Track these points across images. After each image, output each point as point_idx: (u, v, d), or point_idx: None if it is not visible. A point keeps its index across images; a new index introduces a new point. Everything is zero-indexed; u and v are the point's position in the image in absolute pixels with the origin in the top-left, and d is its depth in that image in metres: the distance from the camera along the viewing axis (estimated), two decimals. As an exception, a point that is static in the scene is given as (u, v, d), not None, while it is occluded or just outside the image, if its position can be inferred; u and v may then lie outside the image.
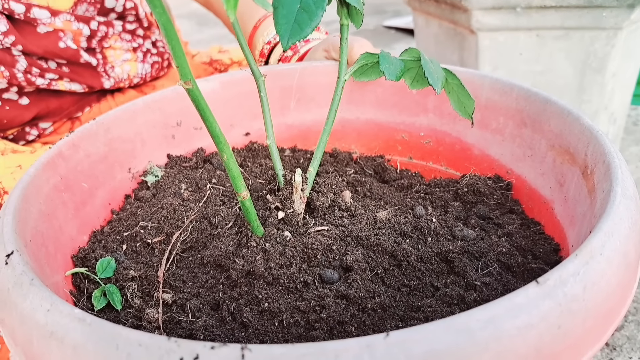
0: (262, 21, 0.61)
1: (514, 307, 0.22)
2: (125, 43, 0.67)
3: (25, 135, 0.64)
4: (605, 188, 0.31)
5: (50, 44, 0.59)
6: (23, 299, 0.26)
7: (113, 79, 0.66)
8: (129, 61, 0.68)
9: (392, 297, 0.32)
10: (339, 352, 0.20)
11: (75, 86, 0.63)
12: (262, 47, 0.59)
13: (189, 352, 0.21)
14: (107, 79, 0.66)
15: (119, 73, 0.67)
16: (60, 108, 0.65)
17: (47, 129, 0.65)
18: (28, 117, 0.61)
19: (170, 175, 0.46)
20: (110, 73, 0.66)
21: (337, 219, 0.38)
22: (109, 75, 0.66)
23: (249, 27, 0.62)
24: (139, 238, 0.40)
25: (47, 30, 0.58)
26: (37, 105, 0.62)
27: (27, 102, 0.61)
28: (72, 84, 0.63)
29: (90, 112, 0.68)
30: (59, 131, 0.67)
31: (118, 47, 0.67)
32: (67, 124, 0.67)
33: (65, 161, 0.40)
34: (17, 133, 0.63)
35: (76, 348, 0.23)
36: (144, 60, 0.70)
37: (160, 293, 0.35)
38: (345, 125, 0.53)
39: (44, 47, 0.59)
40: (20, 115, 0.61)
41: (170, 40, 0.26)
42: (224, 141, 0.31)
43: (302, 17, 0.31)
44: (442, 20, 0.91)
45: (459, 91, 0.39)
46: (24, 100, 0.61)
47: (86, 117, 0.68)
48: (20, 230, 0.32)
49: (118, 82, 0.67)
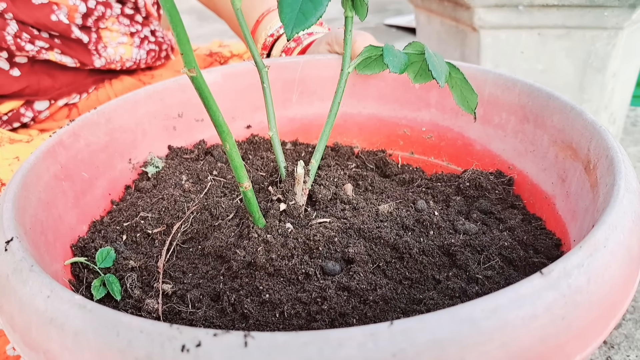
0: (265, 15, 0.61)
1: (518, 297, 0.22)
2: (122, 27, 0.67)
3: (19, 117, 0.64)
4: (608, 182, 0.30)
5: (43, 16, 0.59)
6: (22, 285, 0.26)
7: (104, 59, 0.66)
8: (125, 44, 0.68)
9: (394, 289, 0.32)
10: (342, 340, 0.20)
11: (67, 59, 0.63)
12: (264, 39, 0.59)
13: (191, 338, 0.21)
14: (97, 57, 0.65)
15: (111, 54, 0.67)
16: (53, 87, 0.64)
17: (42, 112, 0.65)
18: (16, 88, 0.62)
19: (171, 166, 0.46)
20: (102, 52, 0.66)
21: (339, 212, 0.38)
22: (100, 54, 0.66)
23: (251, 21, 0.62)
24: (139, 228, 0.39)
25: (41, 2, 0.59)
26: (27, 78, 0.62)
27: (17, 74, 0.61)
28: (63, 57, 0.63)
29: (87, 99, 0.68)
30: (56, 117, 0.67)
31: (115, 29, 0.67)
32: (64, 111, 0.67)
33: (66, 150, 0.40)
34: (12, 114, 0.63)
35: (76, 334, 0.23)
36: (140, 46, 0.70)
37: (160, 284, 0.35)
38: (347, 120, 0.52)
39: (36, 18, 0.59)
40: (9, 85, 0.61)
41: (175, 27, 0.26)
42: (227, 130, 0.31)
43: (307, 6, 0.31)
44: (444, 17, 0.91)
45: (463, 86, 0.39)
46: (14, 71, 0.61)
47: (83, 104, 0.68)
48: (20, 218, 0.31)
49: (109, 62, 0.67)
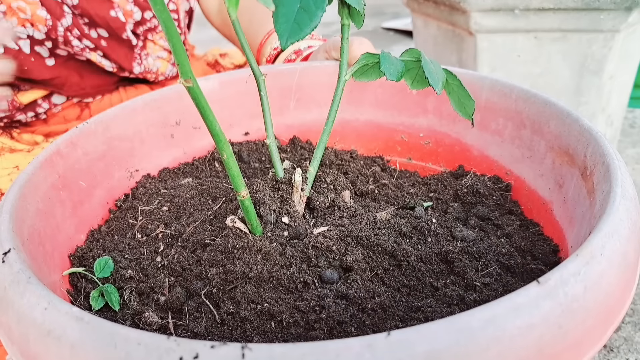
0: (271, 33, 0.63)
1: (515, 306, 0.22)
2: (165, 42, 0.69)
3: (35, 107, 0.65)
4: (604, 189, 0.31)
5: (103, 9, 0.61)
6: (20, 297, 0.26)
7: (144, 67, 0.68)
8: (163, 59, 0.70)
9: (392, 297, 0.32)
10: (340, 351, 0.20)
11: (106, 62, 0.64)
12: (269, 53, 0.61)
13: (189, 351, 0.21)
14: (138, 63, 0.67)
15: (150, 64, 0.68)
16: (78, 85, 0.65)
17: (57, 105, 0.66)
18: (46, 76, 0.63)
19: (173, 173, 0.46)
20: (143, 60, 0.67)
21: (337, 219, 0.38)
22: (142, 61, 0.67)
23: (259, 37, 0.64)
24: (137, 238, 0.39)
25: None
26: (59, 70, 0.63)
27: (52, 64, 0.62)
28: (104, 59, 0.64)
29: (101, 100, 0.69)
30: (66, 116, 0.68)
31: (159, 44, 0.68)
32: (76, 109, 0.68)
33: (64, 159, 0.40)
34: (29, 104, 0.64)
35: (74, 347, 0.23)
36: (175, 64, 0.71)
37: (159, 294, 0.35)
38: (345, 126, 0.53)
39: (97, 9, 0.60)
40: (40, 72, 0.62)
41: (171, 38, 0.26)
42: (224, 140, 0.31)
43: (302, 17, 0.31)
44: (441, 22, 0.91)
45: (460, 92, 0.39)
46: (50, 60, 0.62)
47: (96, 105, 0.69)
48: (17, 229, 0.32)
49: (147, 71, 0.68)
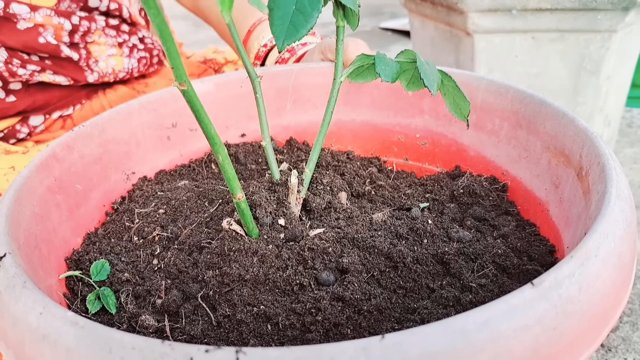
0: (256, 25, 0.61)
1: (509, 308, 0.22)
2: (110, 38, 0.67)
3: (15, 133, 0.64)
4: (600, 190, 0.31)
5: (30, 39, 0.59)
6: (15, 301, 0.26)
7: (97, 73, 0.66)
8: (115, 56, 0.68)
9: (388, 299, 0.32)
10: (334, 355, 0.20)
11: (60, 78, 0.63)
12: (257, 50, 0.59)
13: (183, 355, 0.21)
14: (90, 73, 0.66)
15: (103, 67, 0.67)
16: (47, 103, 0.65)
17: (37, 126, 0.65)
18: (12, 112, 0.62)
19: (169, 175, 0.46)
20: (93, 67, 0.66)
21: (333, 221, 0.38)
22: (92, 70, 0.66)
23: (242, 31, 0.62)
24: (134, 240, 0.39)
25: (27, 26, 0.59)
26: (23, 101, 0.62)
27: (13, 100, 0.62)
28: (56, 76, 0.63)
29: (81, 109, 0.68)
30: (51, 129, 0.67)
31: (102, 42, 0.67)
32: (59, 122, 0.67)
33: (59, 162, 0.40)
34: (7, 131, 0.63)
35: (69, 351, 0.23)
36: (130, 55, 0.70)
37: (156, 297, 0.35)
38: (341, 127, 0.53)
39: (23, 42, 0.59)
40: (5, 110, 0.62)
41: (165, 42, 0.26)
42: (219, 143, 0.31)
43: (298, 19, 0.31)
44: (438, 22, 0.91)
45: (455, 93, 0.39)
46: (10, 98, 0.61)
47: (77, 114, 0.68)
48: (13, 233, 0.31)
49: (102, 76, 0.67)
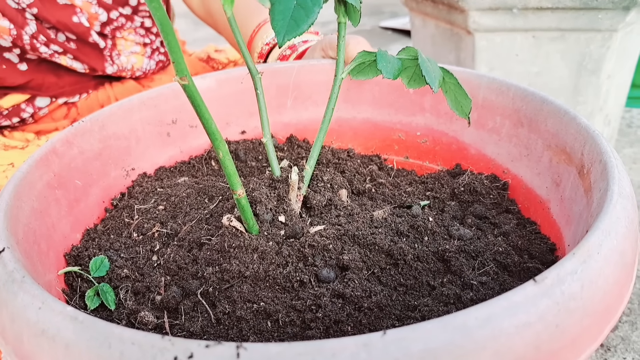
0: (261, 26, 0.62)
1: (511, 305, 0.22)
2: (138, 37, 0.68)
3: (19, 112, 0.64)
4: (602, 187, 0.30)
5: (65, 16, 0.60)
6: (14, 296, 0.25)
7: (117, 66, 0.67)
8: (137, 54, 0.69)
9: (389, 296, 0.32)
10: (336, 351, 0.20)
11: (77, 64, 0.64)
12: (260, 48, 0.60)
13: (183, 350, 0.21)
14: (110, 64, 0.66)
15: (123, 62, 0.68)
16: (56, 85, 0.65)
17: (42, 108, 0.65)
18: (21, 81, 0.62)
19: (169, 172, 0.46)
20: (115, 59, 0.67)
21: (334, 218, 0.37)
22: (114, 61, 0.66)
23: (248, 31, 0.63)
24: (133, 237, 0.39)
25: (65, 3, 0.60)
26: (33, 74, 0.63)
27: (24, 69, 0.62)
28: (74, 62, 0.64)
29: (87, 98, 0.68)
30: (54, 116, 0.67)
31: (130, 39, 0.68)
32: (63, 109, 0.67)
33: (59, 158, 0.39)
34: (12, 109, 0.64)
35: (68, 346, 0.23)
36: (151, 57, 0.71)
37: (155, 293, 0.35)
38: (342, 124, 0.52)
39: (58, 17, 0.60)
40: (13, 78, 0.62)
41: (167, 36, 0.26)
42: (219, 138, 0.30)
43: (299, 14, 0.31)
44: (439, 21, 0.91)
45: (456, 90, 0.39)
46: (22, 65, 0.62)
47: (83, 103, 0.68)
48: (12, 228, 0.31)
49: (121, 70, 0.68)
